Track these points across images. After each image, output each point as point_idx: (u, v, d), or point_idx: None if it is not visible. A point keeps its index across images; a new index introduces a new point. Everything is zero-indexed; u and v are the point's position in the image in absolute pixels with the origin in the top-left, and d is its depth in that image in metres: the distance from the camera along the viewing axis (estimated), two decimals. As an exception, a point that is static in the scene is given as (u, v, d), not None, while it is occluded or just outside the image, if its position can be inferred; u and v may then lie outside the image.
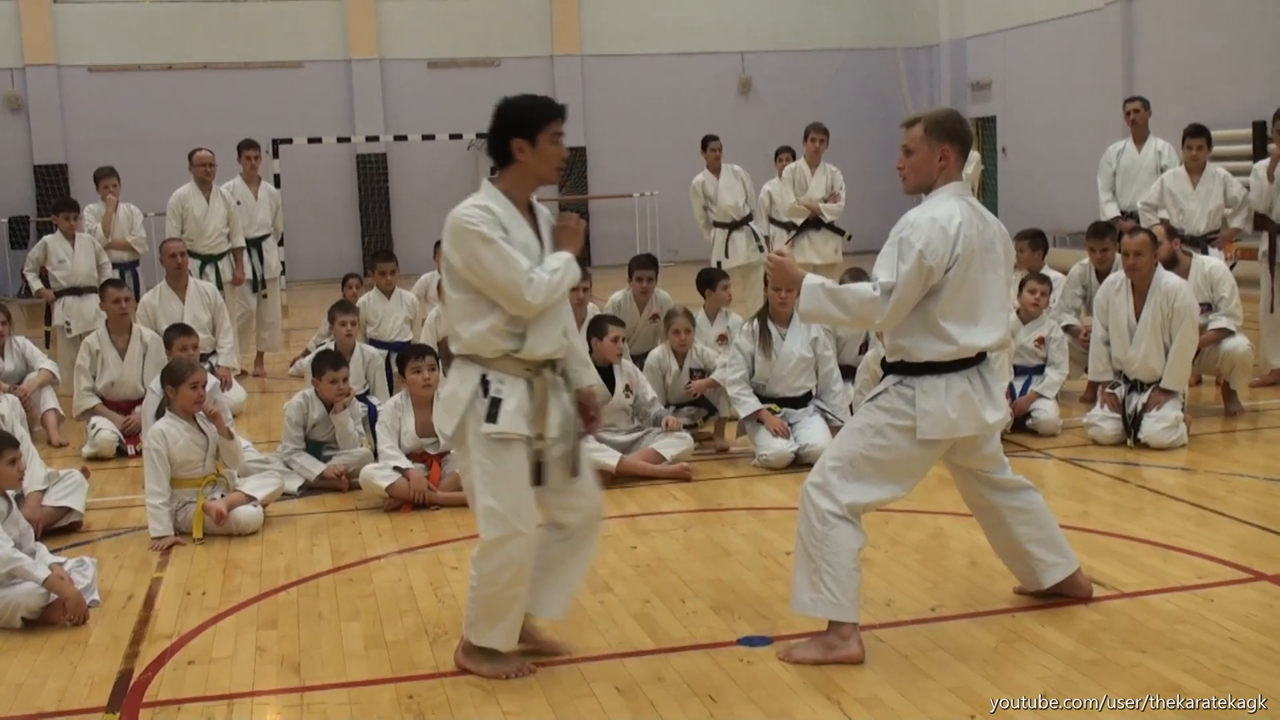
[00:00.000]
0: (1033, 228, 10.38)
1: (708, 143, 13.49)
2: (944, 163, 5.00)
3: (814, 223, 12.81)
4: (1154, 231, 8.92)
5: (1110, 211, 11.54)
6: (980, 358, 5.04)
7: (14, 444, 6.08)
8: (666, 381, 8.66)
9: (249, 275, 12.66)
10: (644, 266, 10.03)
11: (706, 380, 8.74)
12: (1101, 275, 9.53)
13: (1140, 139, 11.74)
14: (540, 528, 4.91)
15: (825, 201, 12.77)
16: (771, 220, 13.41)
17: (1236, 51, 17.94)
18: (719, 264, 12.95)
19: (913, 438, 4.95)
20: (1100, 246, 9.68)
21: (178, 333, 8.75)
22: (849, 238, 13.02)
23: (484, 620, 4.89)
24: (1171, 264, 8.94)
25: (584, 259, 21.85)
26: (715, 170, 13.42)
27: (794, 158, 13.50)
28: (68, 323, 11.53)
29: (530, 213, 4.88)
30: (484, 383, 4.75)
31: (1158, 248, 8.58)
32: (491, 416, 4.72)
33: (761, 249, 13.17)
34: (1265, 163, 10.55)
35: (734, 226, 13.27)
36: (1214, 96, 17.49)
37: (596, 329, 8.37)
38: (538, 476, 4.83)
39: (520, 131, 4.79)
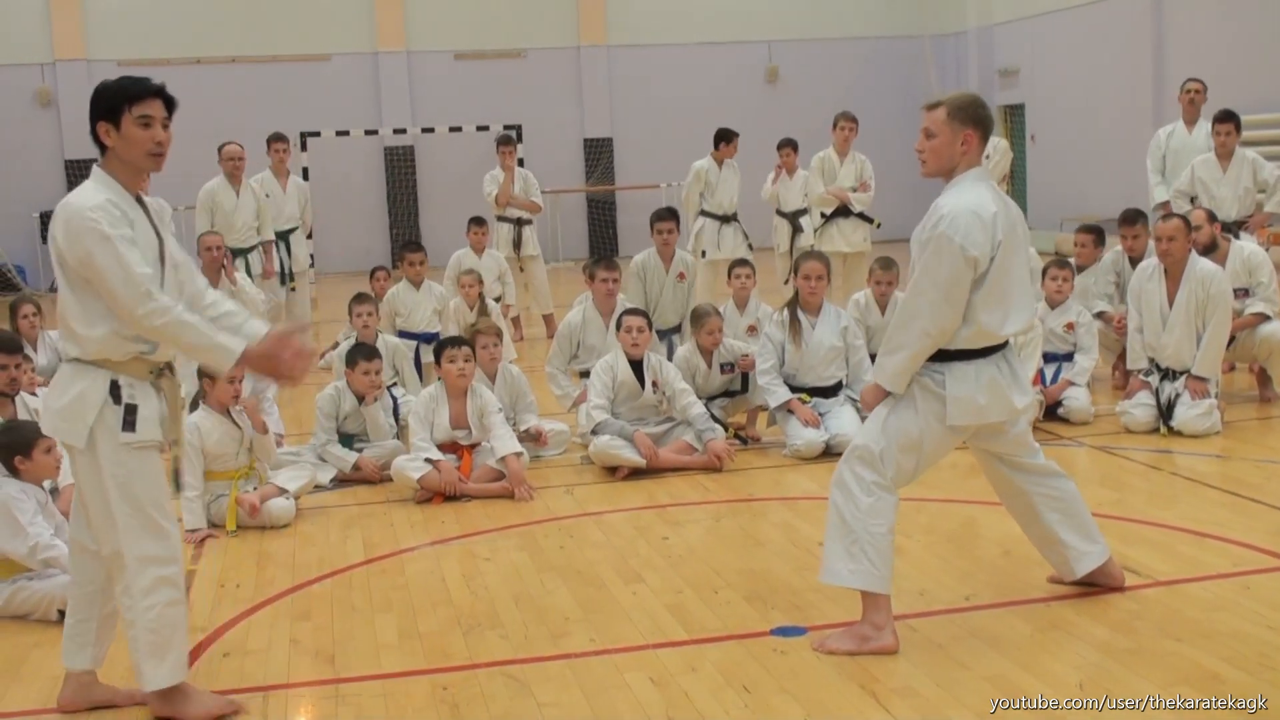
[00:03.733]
0: (1093, 224, 10.34)
1: (731, 138, 13.45)
2: (965, 147, 4.96)
3: (843, 211, 12.80)
4: (1191, 217, 8.86)
5: (1160, 195, 11.37)
6: (1005, 343, 5.02)
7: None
8: (696, 380, 8.61)
9: (277, 268, 12.70)
10: (664, 219, 9.99)
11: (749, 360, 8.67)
12: (1134, 262, 9.48)
13: (1192, 121, 11.51)
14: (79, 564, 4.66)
15: (855, 190, 12.75)
16: (778, 212, 13.42)
17: (1267, 36, 17.80)
18: (703, 253, 13.04)
19: (942, 422, 4.94)
20: (1132, 234, 9.62)
21: None
22: (878, 225, 13.02)
23: (152, 658, 4.49)
24: (1211, 249, 8.88)
25: (611, 250, 22.01)
26: (721, 162, 13.43)
27: (796, 151, 13.50)
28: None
29: (140, 203, 4.51)
30: (114, 388, 4.39)
31: (1192, 233, 8.52)
32: (129, 425, 4.39)
33: (749, 246, 13.23)
34: None
35: (725, 220, 13.30)
36: (1245, 81, 17.35)
37: (618, 321, 8.39)
38: (177, 484, 4.68)
39: (104, 115, 4.41)
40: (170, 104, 4.48)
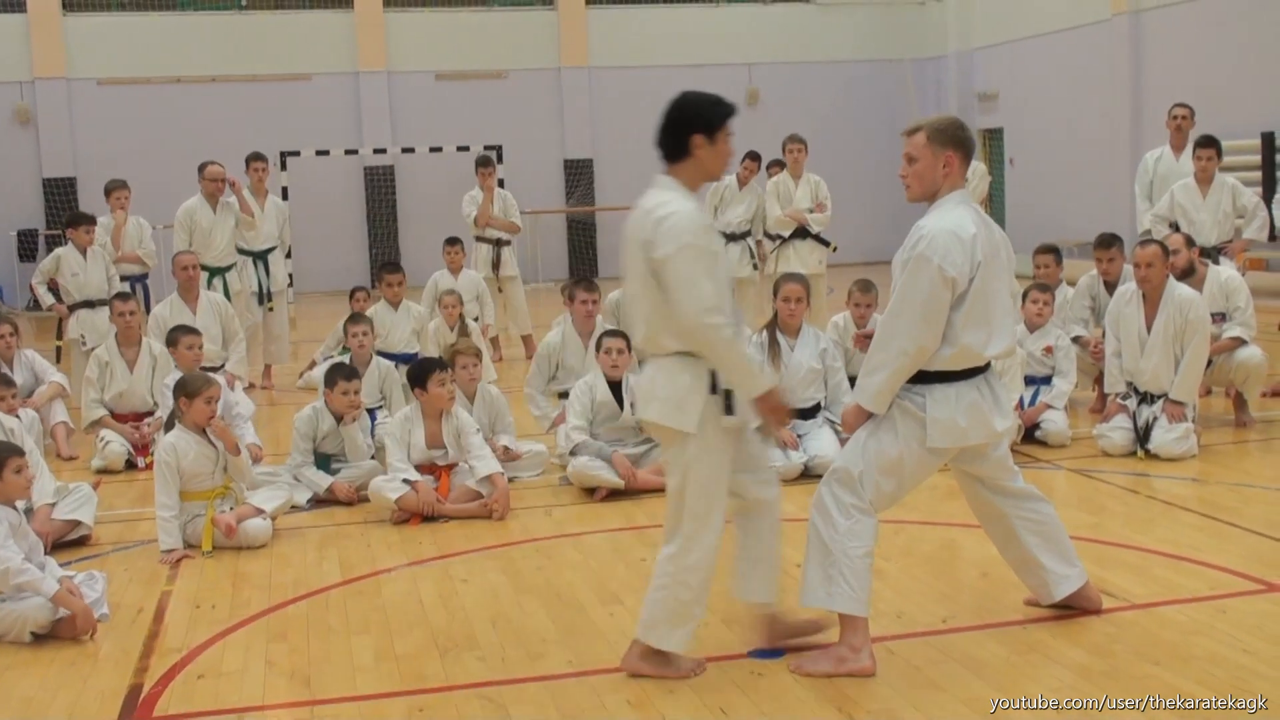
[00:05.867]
0: (1051, 243, 10.37)
1: (748, 158, 13.45)
2: (948, 170, 4.99)
3: (800, 233, 12.89)
4: (1169, 242, 8.89)
5: (1147, 221, 11.39)
6: (986, 365, 5.04)
7: (19, 453, 6.05)
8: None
9: (254, 288, 12.69)
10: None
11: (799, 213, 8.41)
12: (1110, 286, 9.52)
13: (1180, 146, 11.39)
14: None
15: (811, 212, 12.82)
16: (766, 233, 13.47)
17: (1245, 62, 17.93)
18: None
19: (922, 445, 4.95)
20: (1107, 257, 9.65)
21: (183, 332, 8.84)
22: (834, 249, 13.13)
23: (668, 623, 4.88)
24: (1189, 273, 8.93)
25: (591, 271, 21.96)
26: (743, 181, 13.44)
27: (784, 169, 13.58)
28: (83, 336, 11.54)
29: None
30: (713, 376, 4.76)
31: (1170, 258, 8.55)
32: (729, 409, 4.78)
33: (755, 266, 13.26)
34: None
35: (731, 239, 13.32)
36: (1222, 107, 17.46)
37: (597, 343, 8.41)
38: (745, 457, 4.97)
39: (701, 127, 4.80)
40: None
